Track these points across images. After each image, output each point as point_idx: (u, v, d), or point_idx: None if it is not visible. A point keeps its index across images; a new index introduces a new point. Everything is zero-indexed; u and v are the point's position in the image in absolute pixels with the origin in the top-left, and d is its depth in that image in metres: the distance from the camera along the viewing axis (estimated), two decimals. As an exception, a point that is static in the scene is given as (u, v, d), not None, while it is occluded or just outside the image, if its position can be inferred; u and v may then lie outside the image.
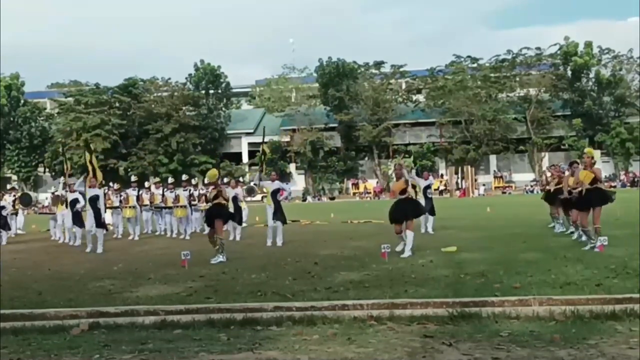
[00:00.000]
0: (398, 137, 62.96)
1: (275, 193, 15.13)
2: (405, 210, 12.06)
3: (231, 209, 15.51)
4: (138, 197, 20.23)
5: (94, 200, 15.77)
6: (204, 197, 13.56)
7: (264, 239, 15.32)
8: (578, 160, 13.46)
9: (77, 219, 16.86)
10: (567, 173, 13.86)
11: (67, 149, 61.16)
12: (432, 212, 16.75)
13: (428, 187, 17.03)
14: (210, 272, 10.48)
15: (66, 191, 18.48)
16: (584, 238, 12.05)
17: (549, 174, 16.65)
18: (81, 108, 62.36)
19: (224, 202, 12.88)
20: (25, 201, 25.20)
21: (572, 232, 13.81)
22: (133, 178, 23.17)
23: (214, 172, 13.39)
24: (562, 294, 7.14)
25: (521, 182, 59.05)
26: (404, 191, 12.07)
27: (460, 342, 5.39)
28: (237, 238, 16.83)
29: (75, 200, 16.70)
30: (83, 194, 17.03)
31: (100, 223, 15.67)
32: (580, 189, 11.61)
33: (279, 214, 14.95)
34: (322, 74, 63.01)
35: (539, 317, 6.19)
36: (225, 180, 19.74)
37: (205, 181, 13.49)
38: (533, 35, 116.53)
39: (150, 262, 12.48)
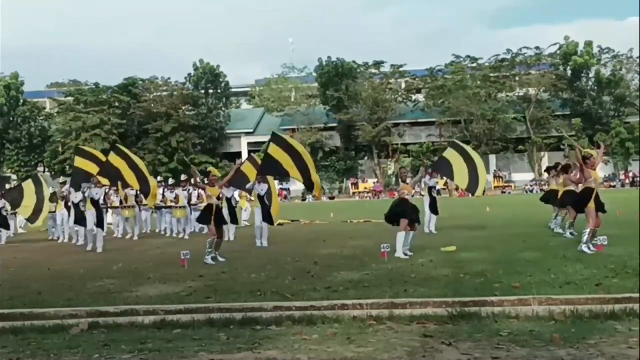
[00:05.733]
0: (398, 137, 62.95)
1: (264, 195, 15.17)
2: (416, 211, 12.25)
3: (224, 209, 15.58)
4: (137, 197, 20.22)
5: (96, 200, 15.77)
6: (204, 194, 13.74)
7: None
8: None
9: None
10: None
11: (67, 149, 61.48)
12: (435, 212, 16.78)
13: (433, 187, 17.19)
14: (210, 271, 10.48)
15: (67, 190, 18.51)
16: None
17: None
18: (81, 108, 62.37)
19: (213, 202, 12.82)
20: None
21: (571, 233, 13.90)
22: None
23: (215, 171, 13.44)
24: (561, 294, 7.14)
25: (521, 181, 59.06)
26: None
27: (460, 342, 5.39)
28: (232, 238, 16.80)
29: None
30: (84, 194, 17.00)
31: (101, 222, 15.67)
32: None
33: (266, 215, 15.00)
34: (321, 73, 62.98)
35: (539, 317, 6.19)
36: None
37: (209, 179, 13.35)
38: (533, 35, 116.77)
39: (150, 262, 12.48)
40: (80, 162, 17.02)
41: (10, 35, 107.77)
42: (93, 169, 16.12)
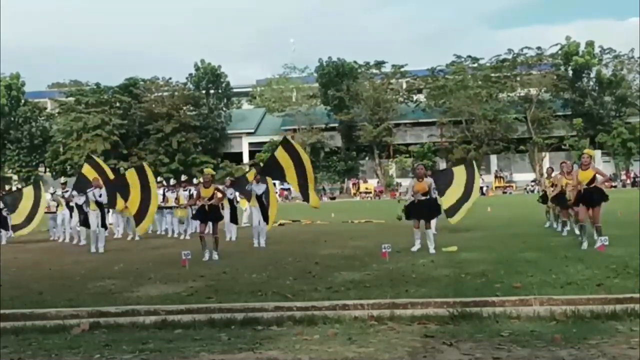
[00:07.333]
0: (399, 137, 62.92)
1: (262, 195, 15.18)
2: (429, 209, 12.59)
3: (226, 209, 15.67)
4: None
5: (100, 201, 15.77)
6: (195, 196, 13.77)
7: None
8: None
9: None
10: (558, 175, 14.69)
11: (68, 149, 61.51)
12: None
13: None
14: (211, 271, 10.47)
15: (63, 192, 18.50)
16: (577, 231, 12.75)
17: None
18: (82, 108, 62.39)
19: (218, 202, 13.14)
20: None
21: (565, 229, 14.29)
22: None
23: (209, 170, 13.51)
24: (562, 294, 7.14)
25: (522, 182, 59.00)
26: (426, 193, 12.53)
27: (461, 342, 5.39)
28: (233, 238, 16.78)
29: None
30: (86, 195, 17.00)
31: (104, 222, 15.70)
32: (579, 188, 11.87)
33: (264, 215, 15.01)
34: (322, 74, 62.95)
35: (540, 317, 6.18)
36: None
37: (202, 179, 13.60)
38: (534, 35, 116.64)
39: (151, 262, 12.47)
40: (87, 170, 17.78)
41: (10, 35, 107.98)
42: (96, 178, 16.48)
